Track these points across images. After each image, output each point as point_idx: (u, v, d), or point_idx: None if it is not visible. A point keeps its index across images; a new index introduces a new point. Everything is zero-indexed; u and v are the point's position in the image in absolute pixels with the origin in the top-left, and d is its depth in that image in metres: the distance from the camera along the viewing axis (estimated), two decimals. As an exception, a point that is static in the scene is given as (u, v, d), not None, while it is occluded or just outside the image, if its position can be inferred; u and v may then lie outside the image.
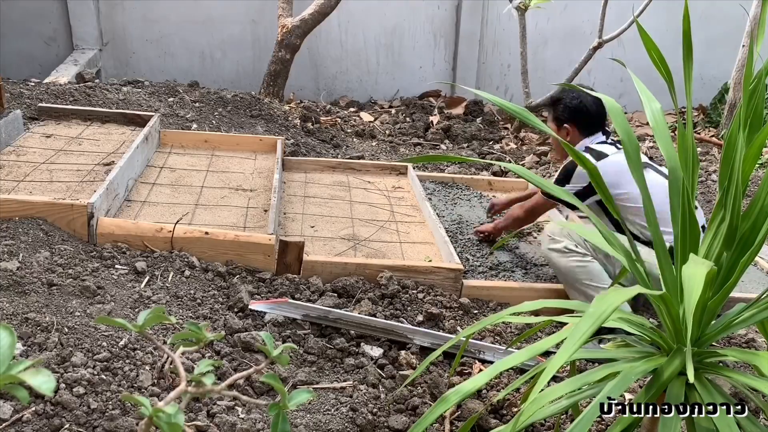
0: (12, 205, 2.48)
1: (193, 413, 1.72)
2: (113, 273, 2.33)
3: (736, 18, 5.60)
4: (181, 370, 0.99)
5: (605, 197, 1.52)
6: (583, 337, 0.99)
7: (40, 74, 5.42)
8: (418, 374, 1.80)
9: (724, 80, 5.85)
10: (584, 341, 0.99)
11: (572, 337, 0.99)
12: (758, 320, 1.37)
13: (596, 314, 1.01)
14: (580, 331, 0.99)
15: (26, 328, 1.85)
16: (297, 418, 1.82)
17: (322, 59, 6.14)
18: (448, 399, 1.33)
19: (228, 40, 5.99)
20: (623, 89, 6.32)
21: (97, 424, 1.60)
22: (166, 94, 4.70)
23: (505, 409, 2.00)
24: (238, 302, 2.29)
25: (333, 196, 3.49)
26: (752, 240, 1.34)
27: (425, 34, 6.23)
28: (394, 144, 5.03)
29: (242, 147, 3.85)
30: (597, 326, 1.00)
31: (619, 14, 5.20)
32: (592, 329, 1.00)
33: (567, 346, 0.99)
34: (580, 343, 0.98)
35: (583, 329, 0.99)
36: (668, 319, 1.37)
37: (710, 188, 4.51)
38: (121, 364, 1.81)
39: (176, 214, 2.89)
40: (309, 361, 2.12)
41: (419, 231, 3.18)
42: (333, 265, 2.60)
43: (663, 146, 1.47)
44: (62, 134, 3.52)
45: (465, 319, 2.49)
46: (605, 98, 1.59)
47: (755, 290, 2.91)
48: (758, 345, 2.48)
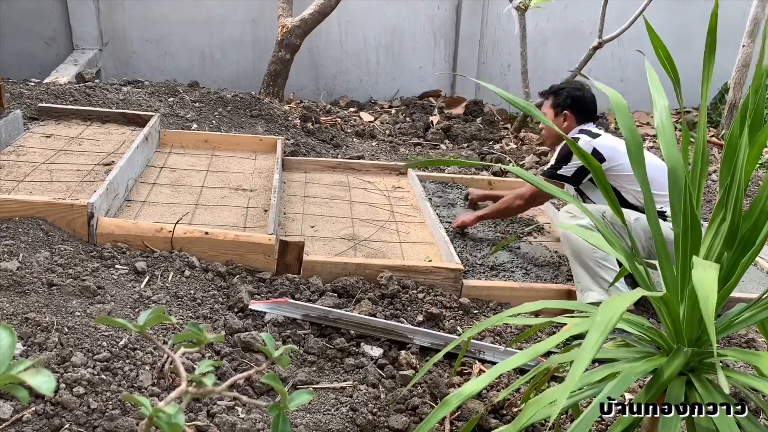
0: (12, 205, 2.48)
1: (193, 413, 1.72)
2: (113, 273, 2.32)
3: (736, 19, 5.60)
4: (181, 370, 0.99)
5: (598, 175, 1.50)
6: (595, 347, 0.99)
7: (40, 74, 5.42)
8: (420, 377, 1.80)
9: (723, 80, 5.85)
10: (597, 351, 0.99)
11: (585, 348, 0.99)
12: (758, 320, 1.37)
13: (604, 322, 1.01)
14: (591, 341, 1.00)
15: (26, 328, 1.85)
16: (297, 418, 1.82)
17: (322, 59, 6.14)
18: (450, 402, 1.33)
19: (228, 40, 5.99)
20: (623, 89, 6.29)
21: (97, 424, 1.60)
22: (166, 94, 4.70)
23: (505, 409, 2.00)
24: (238, 302, 2.29)
25: (333, 196, 3.49)
26: (753, 240, 1.34)
27: (425, 34, 6.23)
28: (394, 144, 5.02)
29: (242, 147, 3.85)
30: (606, 334, 1.01)
31: (618, 14, 5.20)
32: (602, 338, 1.00)
33: (581, 359, 0.98)
34: (593, 353, 0.98)
35: (594, 339, 1.00)
36: (668, 318, 1.37)
37: (710, 188, 4.51)
38: (121, 364, 1.81)
39: (176, 214, 2.89)
40: (309, 361, 2.12)
41: (419, 231, 3.18)
42: (333, 265, 2.60)
43: (665, 146, 1.47)
44: (62, 134, 3.52)
45: (465, 319, 2.49)
46: (611, 93, 1.58)
47: (756, 290, 2.91)
48: (758, 345, 2.48)
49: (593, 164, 1.49)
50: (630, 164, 1.50)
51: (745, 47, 5.13)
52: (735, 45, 5.27)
